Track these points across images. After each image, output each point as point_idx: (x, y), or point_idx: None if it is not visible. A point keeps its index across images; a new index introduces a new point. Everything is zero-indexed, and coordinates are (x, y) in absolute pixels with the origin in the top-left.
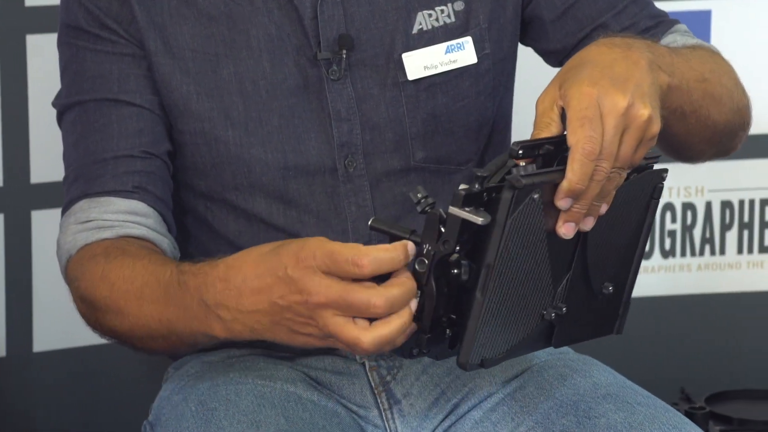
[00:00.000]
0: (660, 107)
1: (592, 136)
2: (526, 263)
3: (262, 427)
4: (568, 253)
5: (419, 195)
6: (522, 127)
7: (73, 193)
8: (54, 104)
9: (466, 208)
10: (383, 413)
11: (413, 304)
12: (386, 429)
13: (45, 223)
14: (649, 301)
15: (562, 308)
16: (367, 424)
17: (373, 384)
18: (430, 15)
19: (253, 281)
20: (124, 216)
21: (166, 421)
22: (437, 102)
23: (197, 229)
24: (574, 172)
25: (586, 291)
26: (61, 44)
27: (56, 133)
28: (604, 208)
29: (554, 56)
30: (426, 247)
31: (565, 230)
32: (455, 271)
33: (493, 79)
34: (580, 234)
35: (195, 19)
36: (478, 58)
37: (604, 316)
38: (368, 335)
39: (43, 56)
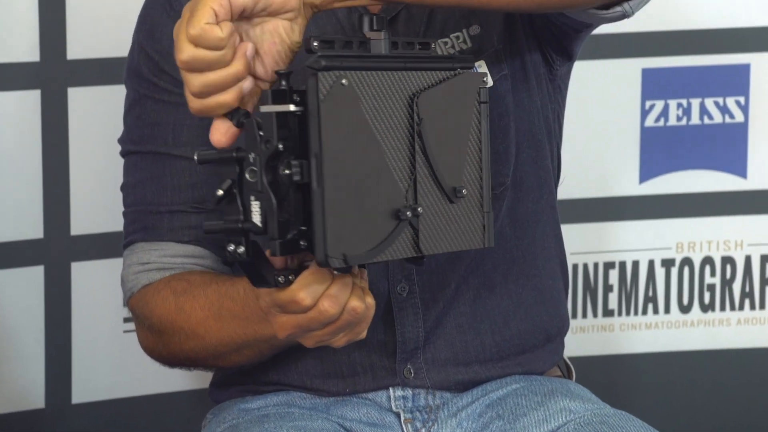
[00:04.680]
0: None
1: None
2: (360, 155)
3: None
4: (404, 148)
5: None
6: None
7: (132, 234)
8: (119, 141)
9: (277, 105)
10: None
11: (256, 217)
12: None
13: (84, 275)
14: (688, 356)
15: (416, 208)
16: None
17: None
18: (445, 43)
19: None
20: (182, 259)
21: None
22: None
23: None
24: None
25: (441, 194)
26: (127, 84)
27: (96, 186)
28: None
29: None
30: (252, 156)
31: None
32: (287, 171)
33: (514, 98)
34: (413, 127)
35: None
36: (495, 80)
37: (469, 226)
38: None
39: (83, 109)
